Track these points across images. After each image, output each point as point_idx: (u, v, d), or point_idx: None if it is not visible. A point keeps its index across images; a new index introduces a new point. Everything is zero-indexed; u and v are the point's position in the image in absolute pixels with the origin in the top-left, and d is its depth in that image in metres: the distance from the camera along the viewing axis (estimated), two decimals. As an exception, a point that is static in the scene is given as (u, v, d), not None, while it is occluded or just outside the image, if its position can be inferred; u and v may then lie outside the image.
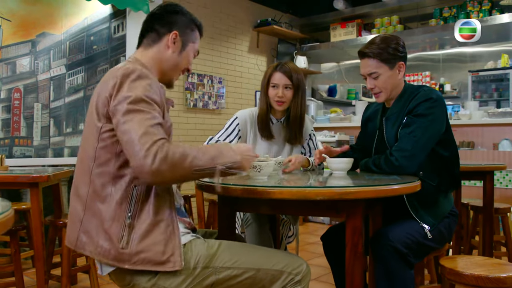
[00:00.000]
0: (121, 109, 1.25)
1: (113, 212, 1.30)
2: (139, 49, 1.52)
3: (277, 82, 2.22)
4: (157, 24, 1.49)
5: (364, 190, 1.41)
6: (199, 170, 1.25)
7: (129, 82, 1.29)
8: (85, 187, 1.35)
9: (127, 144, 1.22)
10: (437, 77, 7.20)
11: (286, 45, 6.20)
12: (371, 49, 1.94)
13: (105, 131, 1.31)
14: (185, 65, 1.54)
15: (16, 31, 3.67)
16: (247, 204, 1.60)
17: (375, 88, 2.00)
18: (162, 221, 1.33)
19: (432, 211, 1.96)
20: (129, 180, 1.31)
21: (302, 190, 1.39)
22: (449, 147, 2.02)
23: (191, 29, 1.53)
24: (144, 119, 1.24)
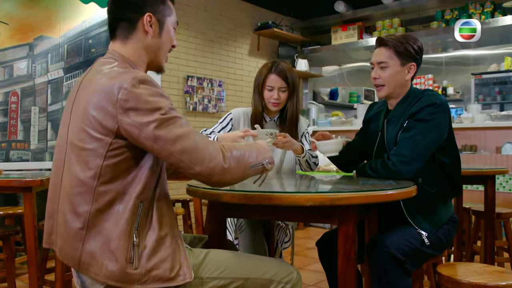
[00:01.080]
0: (153, 122, 1.18)
1: (121, 230, 1.22)
2: (115, 42, 1.36)
3: (273, 84, 2.19)
4: (124, 10, 1.34)
5: (356, 195, 1.37)
6: (252, 167, 1.31)
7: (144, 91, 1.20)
8: (86, 205, 1.22)
9: (183, 154, 1.20)
10: (440, 80, 7.14)
11: (287, 48, 6.16)
12: (390, 38, 1.91)
13: (114, 148, 1.21)
14: (169, 44, 1.42)
15: (13, 34, 3.65)
16: (237, 210, 1.56)
17: (379, 79, 1.95)
18: (166, 235, 1.28)
19: (430, 218, 1.91)
20: (137, 196, 1.24)
21: (292, 196, 1.34)
22: (451, 154, 1.97)
23: (162, 3, 1.37)
24: (184, 124, 1.23)
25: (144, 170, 1.26)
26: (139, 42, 1.35)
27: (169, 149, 1.19)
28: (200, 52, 5.13)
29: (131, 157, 1.24)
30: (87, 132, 1.22)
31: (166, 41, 1.40)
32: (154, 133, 1.18)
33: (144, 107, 1.18)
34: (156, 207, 1.29)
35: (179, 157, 1.20)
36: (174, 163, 1.22)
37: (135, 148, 1.23)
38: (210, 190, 1.48)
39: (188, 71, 4.99)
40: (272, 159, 1.36)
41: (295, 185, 1.80)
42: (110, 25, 1.38)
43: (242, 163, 1.28)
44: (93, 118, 1.21)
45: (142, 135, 1.18)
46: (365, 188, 1.50)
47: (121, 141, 1.21)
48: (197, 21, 5.06)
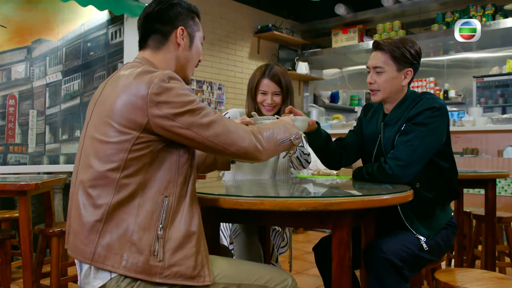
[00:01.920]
0: (186, 112, 1.24)
1: (144, 222, 1.23)
2: (146, 50, 1.43)
3: (266, 89, 2.17)
4: (157, 24, 1.41)
5: (350, 200, 1.34)
6: (282, 143, 1.44)
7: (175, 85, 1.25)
8: (106, 197, 1.23)
9: (217, 137, 1.28)
10: (442, 83, 7.11)
11: (287, 51, 6.14)
12: (386, 43, 1.87)
13: (140, 142, 1.24)
14: (197, 58, 1.49)
15: (11, 37, 3.64)
16: (230, 215, 1.53)
17: (374, 84, 1.92)
18: (194, 234, 1.28)
19: (428, 223, 1.88)
20: (159, 190, 1.26)
21: (284, 200, 1.32)
22: (449, 158, 1.94)
23: (192, 18, 1.46)
24: (213, 112, 1.31)
25: (168, 166, 1.28)
26: (169, 53, 1.42)
27: (203, 134, 1.26)
28: (199, 55, 5.11)
29: (155, 151, 1.26)
30: (113, 127, 1.25)
31: (195, 55, 1.48)
32: (188, 121, 1.24)
33: (175, 100, 1.23)
34: (188, 205, 1.30)
35: (214, 141, 1.28)
36: (209, 147, 1.29)
37: (160, 143, 1.26)
38: (202, 195, 1.45)
39: (188, 74, 4.97)
40: (299, 135, 1.49)
41: (290, 189, 1.77)
42: (142, 37, 1.45)
43: (272, 141, 1.40)
44: (120, 113, 1.24)
45: (175, 124, 1.23)
46: (361, 193, 1.48)
47: (148, 135, 1.24)
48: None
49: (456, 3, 5.06)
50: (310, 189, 1.81)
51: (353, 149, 2.11)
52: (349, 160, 2.12)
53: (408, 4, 5.29)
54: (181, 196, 1.29)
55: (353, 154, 2.12)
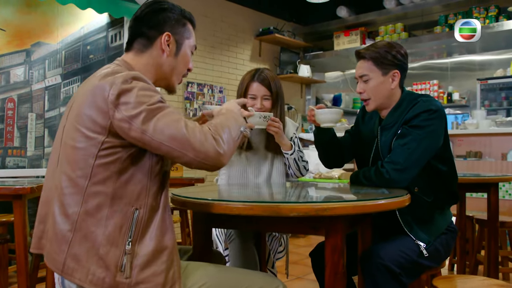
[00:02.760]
0: (141, 113, 1.16)
1: (112, 236, 1.17)
2: (128, 53, 1.37)
3: (255, 93, 2.12)
4: (144, 27, 1.35)
5: (343, 206, 1.30)
6: (237, 138, 1.32)
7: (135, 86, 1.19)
8: (75, 207, 1.18)
9: (173, 141, 1.17)
10: (445, 85, 7.05)
11: (289, 53, 6.11)
12: (367, 51, 1.87)
13: (107, 147, 1.18)
14: (184, 66, 1.42)
15: (10, 40, 3.63)
16: (222, 220, 1.50)
17: (364, 93, 1.91)
18: (165, 249, 1.22)
19: (427, 228, 1.84)
20: (129, 202, 1.20)
21: (275, 205, 1.28)
22: (447, 161, 1.90)
23: (183, 25, 1.39)
24: (173, 112, 1.21)
25: (139, 175, 1.22)
26: (152, 59, 1.36)
27: (159, 138, 1.17)
28: (200, 58, 5.09)
29: (125, 158, 1.20)
30: (80, 131, 1.20)
31: (181, 63, 1.41)
32: (143, 124, 1.15)
33: (133, 101, 1.17)
34: (161, 218, 1.24)
35: (170, 145, 1.17)
36: (166, 153, 1.19)
37: (129, 149, 1.20)
38: (192, 200, 1.42)
39: (188, 77, 4.94)
40: (247, 125, 1.39)
41: (284, 193, 1.73)
42: (128, 39, 1.40)
43: (231, 141, 1.28)
44: (86, 116, 1.20)
45: (132, 128, 1.16)
46: (355, 198, 1.44)
47: (114, 140, 1.19)
48: (197, 27, 4.96)
49: (459, 5, 5.01)
50: (304, 193, 1.77)
51: (348, 149, 2.11)
52: (344, 160, 2.13)
53: (410, 6, 5.25)
54: (153, 207, 1.23)
55: (348, 154, 2.12)
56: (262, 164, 2.20)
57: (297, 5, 6.12)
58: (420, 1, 5.15)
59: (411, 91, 1.95)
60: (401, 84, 1.91)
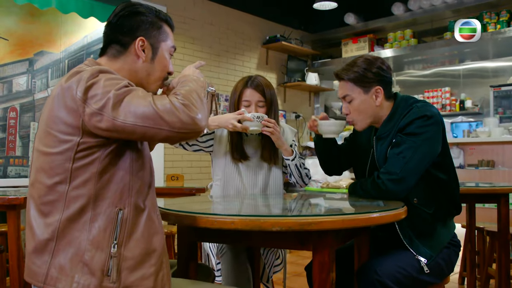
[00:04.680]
0: (109, 100, 1.11)
1: (96, 240, 1.13)
2: (102, 58, 1.33)
3: (249, 99, 2.07)
4: (118, 34, 1.30)
5: (330, 220, 1.22)
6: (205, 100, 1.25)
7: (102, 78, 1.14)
8: (56, 214, 1.15)
9: (146, 119, 1.11)
10: (458, 93, 6.92)
11: (297, 61, 6.04)
12: (346, 72, 1.80)
13: (83, 148, 1.14)
14: (163, 71, 1.36)
15: (13, 50, 3.63)
16: (206, 233, 1.43)
17: (349, 114, 1.84)
18: (154, 251, 1.18)
19: (429, 242, 1.74)
20: (112, 202, 1.15)
21: (256, 219, 1.20)
22: (447, 169, 1.80)
23: (158, 27, 1.34)
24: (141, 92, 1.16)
25: (120, 173, 1.17)
26: (127, 64, 1.31)
27: (131, 120, 1.11)
28: (206, 67, 5.04)
29: (104, 157, 1.15)
30: (53, 135, 1.15)
31: (159, 67, 1.35)
32: (113, 110, 1.10)
33: (101, 91, 1.12)
34: (147, 218, 1.19)
35: (144, 124, 1.11)
36: (143, 134, 1.13)
37: (106, 147, 1.15)
38: (174, 212, 1.35)
39: (194, 85, 4.91)
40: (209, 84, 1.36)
41: (273, 205, 1.65)
42: (103, 45, 1.35)
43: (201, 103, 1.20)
44: (57, 119, 1.15)
45: (104, 118, 1.10)
46: (347, 211, 1.36)
47: (90, 139, 1.14)
48: (203, 35, 4.99)
49: (469, 10, 4.89)
50: (294, 206, 1.69)
51: (345, 157, 2.06)
52: (342, 168, 2.10)
53: (419, 12, 5.15)
54: (139, 207, 1.18)
55: (345, 163, 2.08)
56: (258, 174, 2.13)
57: (304, 13, 6.07)
58: (429, 7, 5.05)
59: (406, 96, 1.86)
60: (388, 95, 1.82)
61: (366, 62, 1.79)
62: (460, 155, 4.81)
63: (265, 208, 1.58)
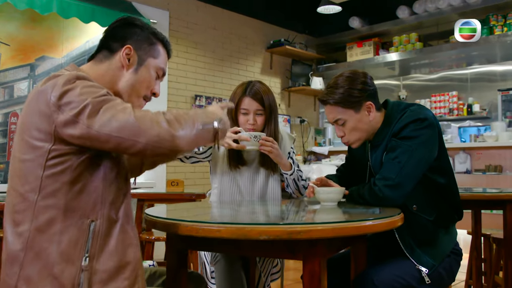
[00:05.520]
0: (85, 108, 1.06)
1: (66, 252, 1.08)
2: (89, 63, 1.31)
3: (248, 107, 2.01)
4: (110, 40, 1.29)
5: (321, 228, 1.17)
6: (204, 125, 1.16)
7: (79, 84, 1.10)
8: (26, 224, 1.10)
9: (122, 130, 1.06)
10: (465, 97, 6.81)
11: (301, 66, 6.00)
12: (331, 95, 1.70)
13: (55, 156, 1.09)
14: (146, 87, 1.31)
15: (14, 55, 3.64)
16: (195, 241, 1.38)
17: (345, 136, 1.76)
18: (128, 263, 1.13)
19: (431, 250, 1.67)
20: (84, 213, 1.11)
21: (243, 228, 1.16)
22: (446, 173, 1.74)
23: (151, 43, 1.32)
24: (120, 103, 1.11)
25: (93, 183, 1.13)
26: (111, 70, 1.27)
27: (106, 130, 1.06)
28: (209, 71, 5.03)
29: (76, 166, 1.11)
30: (26, 141, 1.12)
31: (142, 81, 1.30)
32: (88, 118, 1.06)
33: (77, 99, 1.08)
34: (121, 229, 1.15)
35: (119, 135, 1.06)
36: (117, 145, 1.08)
37: (79, 155, 1.11)
38: (161, 220, 1.31)
39: (197, 90, 4.89)
40: (223, 120, 1.21)
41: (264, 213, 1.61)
42: (94, 52, 1.32)
43: (191, 124, 1.13)
44: (30, 125, 1.12)
45: (78, 126, 1.06)
46: (339, 219, 1.31)
47: (62, 147, 1.10)
48: (206, 39, 4.98)
49: (476, 13, 4.83)
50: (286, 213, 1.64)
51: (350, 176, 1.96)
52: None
53: (425, 16, 5.09)
54: (111, 219, 1.14)
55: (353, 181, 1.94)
56: (256, 181, 2.09)
57: (309, 17, 6.03)
58: (434, 10, 4.99)
59: (398, 102, 1.80)
60: (378, 106, 1.76)
61: (348, 80, 1.70)
62: (467, 160, 4.73)
63: (255, 215, 1.54)
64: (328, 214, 1.54)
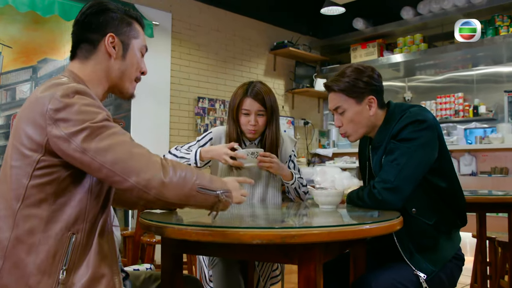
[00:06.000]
0: (83, 131, 1.06)
1: (43, 264, 1.07)
2: (74, 62, 1.28)
3: (249, 108, 1.99)
4: (86, 32, 1.25)
5: (315, 232, 1.14)
6: (202, 190, 1.14)
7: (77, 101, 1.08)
8: (6, 231, 1.09)
9: (115, 165, 1.05)
10: (471, 98, 6.74)
11: (305, 67, 5.97)
12: (336, 82, 1.72)
13: (43, 166, 1.08)
14: (135, 69, 1.31)
15: (17, 57, 3.64)
16: (189, 245, 1.36)
17: (342, 126, 1.76)
18: (103, 277, 1.12)
19: (430, 256, 1.63)
20: (66, 226, 1.09)
21: (235, 231, 1.14)
22: (447, 176, 1.71)
23: (128, 24, 1.29)
24: (119, 133, 1.10)
25: (78, 196, 1.12)
26: (99, 64, 1.25)
27: (100, 160, 1.05)
28: (212, 73, 5.01)
29: (62, 179, 1.10)
30: (17, 148, 1.10)
31: (131, 65, 1.30)
32: (84, 143, 1.05)
33: (75, 118, 1.06)
34: (97, 243, 1.13)
35: (111, 168, 1.05)
36: (107, 177, 1.07)
37: (67, 169, 1.09)
38: (155, 223, 1.29)
39: (199, 92, 4.87)
40: (230, 193, 1.18)
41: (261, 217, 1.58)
42: (72, 46, 1.30)
43: (188, 181, 1.11)
44: (23, 132, 1.10)
45: (71, 146, 1.05)
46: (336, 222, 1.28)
47: (51, 159, 1.08)
48: (209, 41, 4.96)
49: (481, 13, 4.77)
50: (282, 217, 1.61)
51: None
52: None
53: (429, 16, 5.05)
54: (91, 232, 1.12)
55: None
56: (257, 184, 2.06)
57: (313, 18, 6.00)
58: (439, 11, 4.94)
59: (400, 103, 1.78)
60: (381, 104, 1.75)
61: (356, 71, 1.72)
62: (472, 162, 4.67)
63: (252, 218, 1.51)
64: (325, 218, 1.51)
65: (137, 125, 4.25)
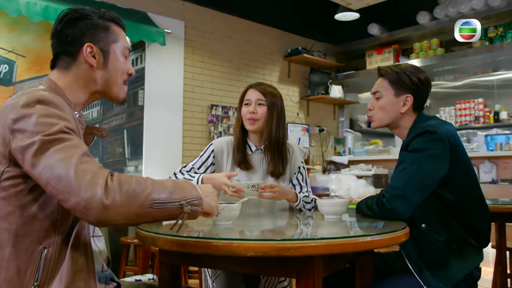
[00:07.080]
0: (34, 144, 1.00)
1: (14, 280, 1.03)
2: (54, 72, 1.25)
3: (250, 97, 2.05)
4: (63, 44, 1.22)
5: (313, 244, 1.09)
6: (156, 205, 1.01)
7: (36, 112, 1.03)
8: None
9: (58, 182, 0.97)
10: (492, 104, 6.58)
11: (320, 74, 5.91)
12: (387, 69, 1.78)
13: (8, 177, 1.04)
14: (121, 74, 1.27)
15: (31, 66, 3.68)
16: (185, 257, 1.32)
17: (372, 110, 1.81)
18: None
19: (440, 273, 1.54)
20: (37, 240, 1.05)
21: (229, 243, 1.09)
22: (458, 192, 1.61)
23: (104, 29, 1.24)
24: (71, 147, 1.01)
25: (48, 209, 1.07)
26: (80, 75, 1.22)
27: (46, 176, 0.98)
28: (225, 81, 5.00)
29: (29, 190, 1.06)
30: None
31: (115, 71, 1.26)
32: (33, 157, 0.99)
33: (30, 129, 1.01)
34: (71, 256, 1.08)
35: (55, 186, 0.97)
36: (52, 194, 1.00)
37: (33, 180, 1.04)
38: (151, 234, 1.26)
39: (213, 99, 4.86)
40: (200, 200, 1.08)
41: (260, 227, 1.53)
42: (52, 57, 1.26)
43: (136, 198, 0.99)
44: None
45: (24, 159, 1.00)
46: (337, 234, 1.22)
47: (16, 169, 1.05)
48: (222, 49, 4.95)
49: (500, 16, 4.65)
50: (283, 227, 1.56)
51: None
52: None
53: (445, 21, 4.94)
54: (63, 244, 1.08)
55: None
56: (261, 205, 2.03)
57: (327, 25, 5.95)
58: (456, 15, 4.83)
59: (427, 115, 1.78)
60: (416, 108, 1.76)
61: (410, 68, 1.77)
62: (493, 170, 4.53)
63: (249, 229, 1.46)
64: (327, 229, 1.45)
65: (150, 133, 4.25)
